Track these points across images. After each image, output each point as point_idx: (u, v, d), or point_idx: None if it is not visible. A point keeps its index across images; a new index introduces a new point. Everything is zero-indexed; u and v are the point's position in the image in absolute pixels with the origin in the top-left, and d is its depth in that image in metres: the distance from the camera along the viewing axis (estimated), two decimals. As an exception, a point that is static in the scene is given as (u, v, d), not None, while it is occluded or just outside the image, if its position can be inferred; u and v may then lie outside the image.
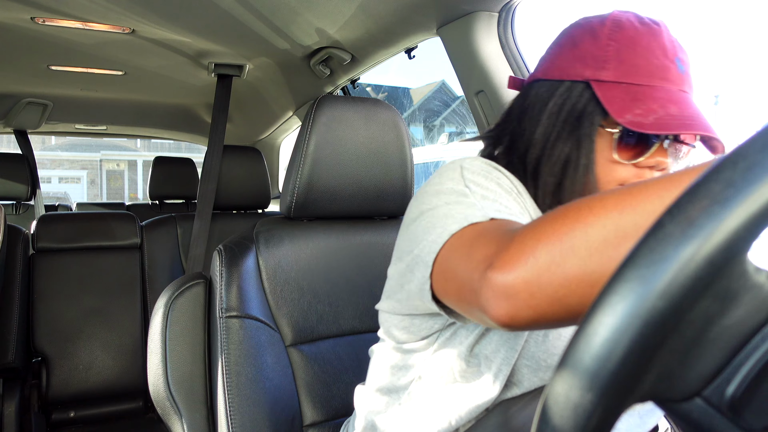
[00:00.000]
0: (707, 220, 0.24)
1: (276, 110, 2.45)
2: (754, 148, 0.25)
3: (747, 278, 0.26)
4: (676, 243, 0.25)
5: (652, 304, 0.25)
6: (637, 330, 0.25)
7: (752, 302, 0.27)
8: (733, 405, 0.29)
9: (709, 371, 0.29)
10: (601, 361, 0.26)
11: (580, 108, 0.71)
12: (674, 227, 0.25)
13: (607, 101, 0.68)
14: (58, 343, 2.04)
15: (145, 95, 2.62)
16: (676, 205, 0.26)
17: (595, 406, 0.26)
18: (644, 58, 0.69)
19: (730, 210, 0.24)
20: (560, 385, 0.27)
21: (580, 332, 0.27)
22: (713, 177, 0.25)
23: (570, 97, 0.72)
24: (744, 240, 0.25)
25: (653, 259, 0.25)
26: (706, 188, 0.25)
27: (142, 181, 21.08)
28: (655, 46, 0.69)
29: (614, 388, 0.26)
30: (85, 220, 2.21)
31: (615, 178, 0.71)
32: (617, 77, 0.69)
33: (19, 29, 1.61)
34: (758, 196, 0.24)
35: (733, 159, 0.25)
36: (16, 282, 1.94)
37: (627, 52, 0.69)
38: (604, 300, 0.26)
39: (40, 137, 11.81)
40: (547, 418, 0.28)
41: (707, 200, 0.25)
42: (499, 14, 1.26)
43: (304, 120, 1.05)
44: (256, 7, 1.39)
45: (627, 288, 0.26)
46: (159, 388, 0.94)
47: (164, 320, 0.96)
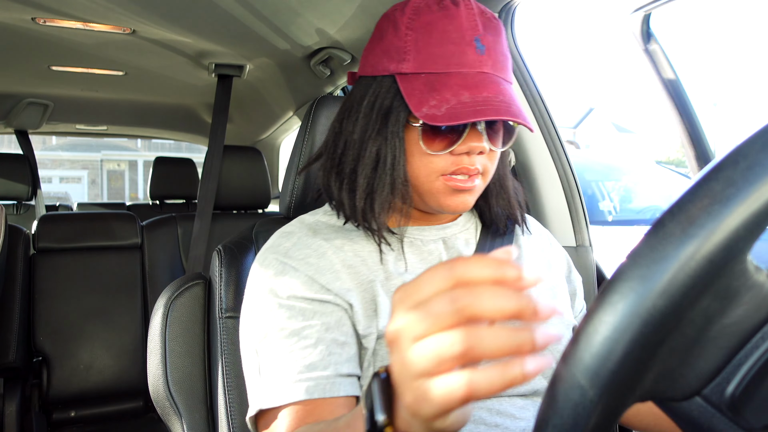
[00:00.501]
0: (708, 219, 0.24)
1: (276, 110, 2.45)
2: (755, 147, 0.25)
3: (747, 277, 0.26)
4: (676, 242, 0.25)
5: (653, 303, 0.25)
6: (637, 328, 0.25)
7: (752, 301, 0.27)
8: (732, 404, 0.29)
9: (709, 370, 0.29)
10: (601, 359, 0.26)
11: (388, 104, 0.70)
12: (675, 226, 0.25)
13: (408, 94, 0.68)
14: (58, 343, 2.04)
15: (146, 95, 2.62)
16: (677, 204, 0.26)
17: (595, 404, 0.26)
18: (440, 45, 0.68)
19: (730, 209, 0.24)
20: (561, 383, 0.27)
21: (581, 331, 0.27)
22: (714, 176, 0.25)
23: (380, 94, 0.71)
24: (744, 239, 0.25)
25: (654, 258, 0.25)
26: (707, 187, 0.25)
27: (143, 181, 21.09)
28: (451, 29, 0.68)
29: (615, 387, 0.26)
30: (86, 220, 2.21)
31: (433, 170, 0.70)
32: (416, 68, 0.68)
33: (19, 29, 1.61)
34: (759, 195, 0.24)
35: (733, 158, 0.25)
36: (17, 282, 1.94)
37: (424, 40, 0.68)
38: (605, 298, 0.26)
39: (40, 137, 11.81)
40: (547, 416, 0.28)
41: (708, 199, 0.25)
42: (499, 14, 1.26)
43: (304, 120, 1.05)
44: (256, 8, 1.39)
45: (627, 287, 0.26)
46: (159, 388, 0.94)
47: (164, 320, 0.96)
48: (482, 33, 0.69)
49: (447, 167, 0.69)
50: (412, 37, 0.69)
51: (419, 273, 0.73)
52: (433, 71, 0.67)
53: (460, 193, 0.71)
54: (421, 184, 0.72)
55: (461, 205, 0.72)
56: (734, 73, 45.81)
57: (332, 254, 0.73)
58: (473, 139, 0.68)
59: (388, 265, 0.74)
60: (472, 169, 0.69)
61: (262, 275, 0.72)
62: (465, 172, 0.69)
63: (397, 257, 0.76)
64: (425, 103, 0.66)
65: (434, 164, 0.70)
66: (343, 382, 0.65)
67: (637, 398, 0.29)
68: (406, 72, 0.68)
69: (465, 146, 0.68)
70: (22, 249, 1.97)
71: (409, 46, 0.69)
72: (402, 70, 0.69)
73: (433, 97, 0.66)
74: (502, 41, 0.71)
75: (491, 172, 0.74)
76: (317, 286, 0.69)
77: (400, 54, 0.69)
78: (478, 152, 0.69)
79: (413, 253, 0.77)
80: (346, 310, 0.69)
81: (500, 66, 0.70)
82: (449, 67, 0.67)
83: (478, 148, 0.68)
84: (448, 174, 0.70)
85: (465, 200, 0.72)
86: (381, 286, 0.72)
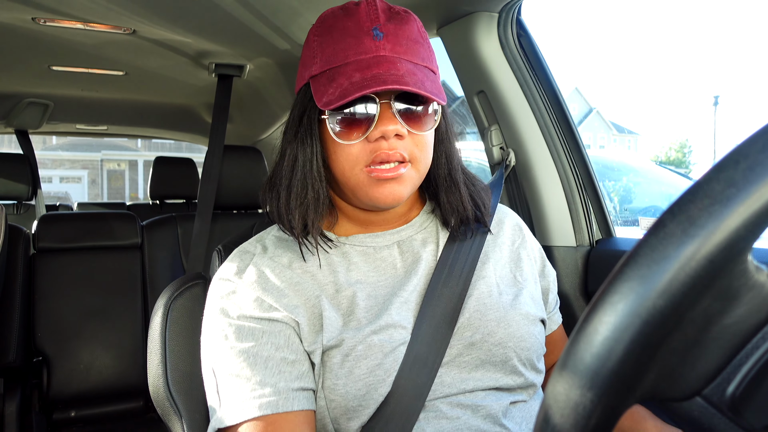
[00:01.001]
0: (708, 220, 0.24)
1: (276, 110, 2.45)
2: (756, 147, 0.25)
3: (748, 277, 0.26)
4: (677, 242, 0.25)
5: (653, 303, 0.25)
6: (637, 328, 0.25)
7: (753, 301, 0.27)
8: (733, 404, 0.29)
9: (710, 370, 0.29)
10: (601, 359, 0.26)
11: (303, 107, 0.73)
12: (675, 226, 0.25)
13: (315, 92, 0.71)
14: (58, 343, 2.04)
15: (146, 95, 2.62)
16: (678, 204, 0.26)
17: (595, 405, 0.26)
18: (340, 41, 0.71)
19: (731, 209, 0.24)
20: (561, 384, 0.27)
21: (581, 331, 0.27)
22: (714, 176, 0.25)
23: (299, 103, 0.75)
24: (745, 239, 0.25)
25: (654, 258, 0.25)
26: (708, 187, 0.25)
27: (143, 181, 21.09)
28: (350, 25, 0.71)
29: (615, 387, 0.26)
30: (86, 220, 2.21)
31: (354, 161, 0.71)
32: (322, 67, 0.71)
33: (20, 29, 1.61)
34: (760, 195, 0.24)
35: (734, 158, 0.25)
36: (17, 282, 1.94)
37: (327, 41, 0.72)
38: (605, 299, 0.26)
39: (41, 137, 11.82)
40: (547, 416, 0.28)
41: (708, 199, 0.25)
42: (499, 14, 1.26)
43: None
44: (256, 8, 1.39)
45: (627, 287, 0.26)
46: (159, 388, 0.93)
47: (164, 320, 0.96)
48: (383, 23, 0.71)
49: (366, 157, 0.70)
50: (318, 42, 0.73)
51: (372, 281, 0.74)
52: (334, 65, 0.70)
53: (386, 182, 0.70)
54: (347, 179, 0.72)
55: (390, 197, 0.71)
56: (737, 65, 45.31)
57: (279, 273, 0.74)
58: (386, 122, 0.69)
59: (338, 276, 0.75)
60: (392, 155, 0.69)
61: (215, 296, 0.74)
62: (385, 159, 0.69)
63: (348, 267, 0.76)
64: (325, 94, 0.69)
65: (354, 155, 0.70)
66: (297, 397, 0.66)
67: (637, 398, 0.29)
68: (315, 74, 0.72)
69: (377, 131, 0.69)
70: (22, 249, 1.97)
71: (316, 50, 0.73)
72: (312, 73, 0.72)
73: (331, 87, 0.68)
74: (409, 28, 0.73)
75: (422, 159, 0.73)
76: (266, 305, 0.71)
77: (311, 60, 0.73)
78: (395, 135, 0.69)
79: (365, 261, 0.77)
80: (294, 327, 0.70)
81: (403, 49, 0.71)
82: (347, 58, 0.70)
83: (391, 131, 0.68)
84: (370, 165, 0.70)
85: (393, 190, 0.71)
86: (329, 300, 0.73)
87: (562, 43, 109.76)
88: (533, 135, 1.31)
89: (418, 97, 0.70)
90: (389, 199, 0.71)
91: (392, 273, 0.76)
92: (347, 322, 0.71)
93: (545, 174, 1.32)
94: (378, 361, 0.68)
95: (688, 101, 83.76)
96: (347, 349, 0.69)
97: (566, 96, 1.57)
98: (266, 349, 0.68)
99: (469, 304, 0.74)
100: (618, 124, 39.36)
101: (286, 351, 0.69)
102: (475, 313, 0.74)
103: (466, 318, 0.73)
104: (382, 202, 0.72)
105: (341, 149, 0.71)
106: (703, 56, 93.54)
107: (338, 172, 0.73)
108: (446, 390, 0.70)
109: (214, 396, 0.69)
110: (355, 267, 0.76)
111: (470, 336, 0.72)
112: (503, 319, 0.74)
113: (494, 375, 0.72)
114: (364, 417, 0.68)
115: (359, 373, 0.68)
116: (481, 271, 0.78)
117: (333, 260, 0.77)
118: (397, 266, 0.77)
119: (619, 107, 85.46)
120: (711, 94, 47.10)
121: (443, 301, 0.73)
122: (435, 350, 0.70)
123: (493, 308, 0.74)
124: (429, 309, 0.72)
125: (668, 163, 32.92)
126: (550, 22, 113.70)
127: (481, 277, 0.77)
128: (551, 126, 1.31)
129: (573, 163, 1.32)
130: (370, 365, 0.68)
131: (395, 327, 0.70)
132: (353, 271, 0.76)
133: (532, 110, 1.31)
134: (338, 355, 0.69)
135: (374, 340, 0.69)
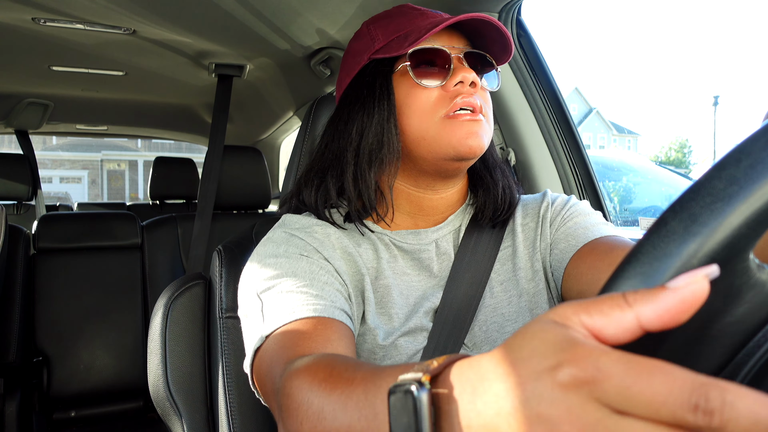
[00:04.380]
0: (710, 217, 0.24)
1: (276, 110, 2.45)
2: (757, 145, 0.25)
3: (750, 275, 0.26)
4: (679, 239, 0.25)
5: (655, 301, 0.25)
6: (639, 327, 0.25)
7: (755, 299, 0.27)
8: (735, 403, 0.29)
9: (711, 369, 0.29)
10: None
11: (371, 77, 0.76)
12: (677, 224, 0.25)
13: (384, 52, 0.74)
14: (59, 343, 2.04)
15: (146, 95, 2.62)
16: (680, 201, 0.25)
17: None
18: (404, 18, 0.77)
19: (733, 207, 0.24)
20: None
21: (583, 329, 0.27)
22: (716, 174, 0.25)
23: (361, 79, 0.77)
24: (747, 237, 0.24)
25: (656, 256, 0.25)
26: (710, 185, 0.25)
27: (143, 181, 21.09)
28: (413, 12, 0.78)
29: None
30: (86, 220, 2.21)
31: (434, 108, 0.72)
32: (387, 38, 0.75)
33: (19, 30, 1.61)
34: (762, 193, 0.24)
35: (735, 156, 0.25)
36: (18, 282, 1.94)
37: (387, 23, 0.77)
38: (607, 297, 0.26)
39: (41, 137, 11.81)
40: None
41: (711, 197, 0.24)
42: (499, 15, 1.26)
43: (304, 120, 1.05)
44: (256, 8, 1.39)
45: (629, 284, 0.26)
46: (159, 388, 0.93)
47: (164, 321, 0.96)
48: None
49: (446, 104, 0.72)
50: (377, 26, 0.78)
51: (408, 280, 0.75)
52: (402, 32, 0.75)
53: (469, 123, 0.71)
54: (426, 130, 0.72)
55: (473, 137, 0.71)
56: (737, 65, 45.12)
57: (334, 239, 0.75)
58: (464, 70, 0.72)
59: (381, 263, 0.76)
60: (472, 101, 0.71)
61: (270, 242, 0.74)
62: (465, 105, 0.71)
63: (389, 260, 0.77)
64: (402, 46, 0.73)
65: (432, 102, 0.72)
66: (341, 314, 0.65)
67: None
68: (379, 47, 0.76)
69: (458, 76, 0.71)
70: (23, 249, 1.97)
71: (376, 33, 0.77)
72: (375, 48, 0.76)
73: (407, 41, 0.73)
74: None
75: (489, 118, 0.75)
76: (319, 255, 0.71)
77: (370, 42, 0.77)
78: (470, 84, 0.72)
79: (405, 258, 0.78)
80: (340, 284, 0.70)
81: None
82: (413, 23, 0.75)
83: (469, 77, 0.71)
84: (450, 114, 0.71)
85: (475, 131, 0.71)
86: (370, 282, 0.74)
87: (562, 43, 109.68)
88: (533, 135, 1.31)
89: (486, 60, 0.75)
90: (472, 140, 0.71)
91: (427, 275, 0.77)
92: (380, 313, 0.72)
93: (545, 174, 1.32)
94: (402, 361, 0.69)
95: (688, 101, 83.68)
96: (373, 343, 0.70)
97: (566, 96, 1.57)
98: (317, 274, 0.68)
99: (480, 316, 0.74)
100: (618, 124, 39.36)
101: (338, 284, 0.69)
102: (492, 325, 0.73)
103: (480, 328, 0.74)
104: (467, 149, 0.71)
105: (419, 99, 0.73)
106: (703, 56, 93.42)
107: (414, 126, 0.73)
108: None
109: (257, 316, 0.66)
110: (394, 260, 0.77)
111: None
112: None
113: None
114: None
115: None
116: (496, 275, 0.78)
117: (379, 247, 0.77)
118: (434, 270, 0.78)
119: (619, 107, 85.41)
120: (711, 94, 47.12)
121: (455, 307, 0.73)
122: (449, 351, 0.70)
123: (511, 318, 0.74)
124: (443, 313, 0.73)
125: (668, 163, 32.91)
126: (550, 22, 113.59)
127: (498, 283, 0.77)
128: (551, 126, 1.31)
129: (573, 163, 1.32)
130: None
131: (421, 331, 0.71)
132: (393, 264, 0.77)
133: (531, 110, 1.31)
134: (365, 345, 0.70)
135: (401, 342, 0.70)
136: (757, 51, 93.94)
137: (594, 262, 0.69)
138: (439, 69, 0.73)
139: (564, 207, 0.80)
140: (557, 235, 0.77)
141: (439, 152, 0.73)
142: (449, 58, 0.73)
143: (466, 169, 0.78)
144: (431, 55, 0.73)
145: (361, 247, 0.77)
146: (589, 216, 0.78)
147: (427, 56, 0.73)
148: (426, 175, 0.76)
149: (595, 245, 0.71)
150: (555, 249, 0.76)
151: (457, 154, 0.72)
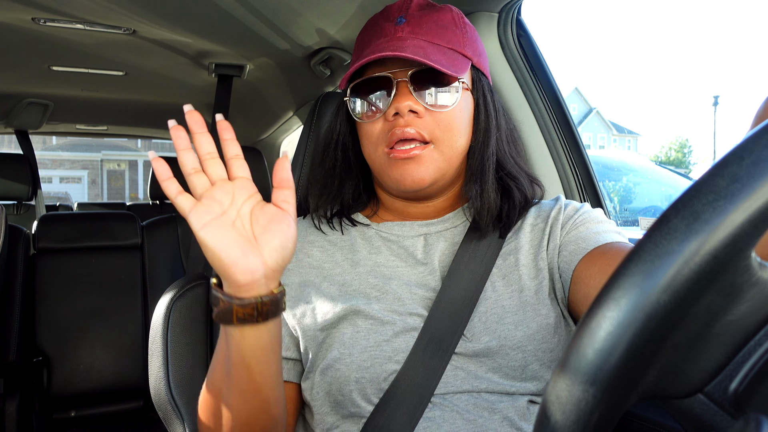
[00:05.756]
0: (713, 215, 0.24)
1: (276, 110, 2.45)
2: (760, 143, 0.25)
3: (751, 273, 0.26)
4: (681, 237, 0.25)
5: (656, 299, 0.25)
6: (640, 324, 0.25)
7: (756, 297, 0.27)
8: (736, 401, 0.29)
9: (712, 367, 0.29)
10: (604, 354, 0.26)
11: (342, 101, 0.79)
12: (679, 221, 0.25)
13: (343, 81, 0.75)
14: (59, 343, 2.04)
15: (146, 95, 2.62)
16: (682, 199, 0.25)
17: (598, 401, 0.26)
18: (368, 33, 0.76)
19: (735, 205, 0.24)
20: (563, 380, 0.27)
21: (583, 326, 0.27)
22: (719, 172, 0.25)
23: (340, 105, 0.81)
24: (749, 235, 0.24)
25: (657, 253, 0.25)
26: (712, 183, 0.25)
27: (143, 181, 21.08)
28: (380, 18, 0.75)
29: (617, 383, 0.26)
30: (86, 220, 2.21)
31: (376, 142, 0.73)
32: (353, 61, 0.75)
33: (19, 30, 1.61)
34: (764, 191, 0.24)
35: (738, 154, 0.25)
36: (18, 282, 1.94)
37: (360, 37, 0.78)
38: (608, 294, 0.26)
39: (40, 137, 11.79)
40: (549, 412, 0.28)
41: (713, 195, 0.24)
42: (499, 14, 1.26)
43: (308, 117, 1.04)
44: (256, 8, 1.39)
45: (630, 282, 0.26)
46: (160, 390, 0.93)
47: (165, 322, 0.96)
48: (411, 12, 0.73)
49: (386, 137, 0.71)
50: (357, 40, 0.79)
51: (389, 264, 0.76)
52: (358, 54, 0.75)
53: (404, 163, 0.70)
54: (372, 161, 0.74)
55: (408, 178, 0.70)
56: (737, 65, 45.09)
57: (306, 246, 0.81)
58: (401, 99, 0.70)
59: (356, 255, 0.78)
60: (407, 132, 0.69)
61: None
62: (400, 136, 0.70)
63: (369, 250, 0.78)
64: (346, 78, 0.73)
65: (375, 136, 0.73)
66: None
67: (639, 395, 0.29)
68: (348, 74, 0.75)
69: (392, 107, 0.70)
70: (22, 249, 1.97)
71: (354, 48, 0.78)
72: (349, 72, 0.75)
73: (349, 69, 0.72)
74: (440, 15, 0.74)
75: (446, 141, 0.72)
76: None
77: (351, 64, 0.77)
78: (410, 112, 0.69)
79: (387, 247, 0.78)
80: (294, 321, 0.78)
81: (423, 30, 0.72)
82: (371, 43, 0.74)
83: (404, 107, 0.69)
84: (389, 147, 0.71)
85: (412, 171, 0.70)
86: (336, 276, 0.77)
87: (562, 43, 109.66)
88: (533, 135, 1.31)
89: (439, 76, 0.70)
90: (407, 181, 0.71)
91: (411, 261, 0.76)
92: (353, 294, 0.73)
93: (545, 174, 1.31)
94: (386, 338, 0.69)
95: (688, 101, 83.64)
96: (353, 319, 0.71)
97: (566, 96, 1.57)
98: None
99: (480, 309, 0.73)
100: (618, 124, 39.35)
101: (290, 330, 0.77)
102: (492, 316, 0.72)
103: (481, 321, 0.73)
104: (402, 185, 0.71)
105: (364, 131, 0.74)
106: (703, 56, 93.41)
107: (366, 156, 0.75)
108: (459, 385, 0.69)
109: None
110: (376, 251, 0.77)
111: (487, 341, 0.70)
112: (521, 322, 0.71)
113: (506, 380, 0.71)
114: (374, 398, 0.68)
115: (365, 344, 0.69)
116: (495, 276, 0.76)
117: (357, 242, 0.78)
118: (417, 256, 0.77)
119: (619, 107, 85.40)
120: (711, 94, 47.11)
121: (451, 305, 0.72)
122: (446, 342, 0.70)
123: (512, 311, 0.73)
124: (440, 307, 0.73)
125: (668, 163, 32.88)
126: (550, 22, 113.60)
127: (500, 276, 0.76)
128: (551, 126, 1.31)
129: (573, 163, 1.32)
130: (378, 339, 0.69)
131: (411, 315, 0.71)
132: (373, 254, 0.77)
133: (532, 110, 1.31)
134: (348, 326, 0.70)
135: (386, 317, 0.70)
136: (756, 51, 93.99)
137: (603, 266, 0.68)
138: (383, 97, 0.71)
139: (577, 212, 0.79)
140: (567, 238, 0.76)
141: (390, 186, 0.74)
142: (391, 85, 0.70)
143: (436, 191, 0.77)
144: (371, 85, 0.72)
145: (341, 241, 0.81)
146: (601, 223, 0.77)
147: (368, 86, 0.72)
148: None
149: (605, 250, 0.70)
150: (564, 251, 0.75)
151: (403, 189, 0.73)
